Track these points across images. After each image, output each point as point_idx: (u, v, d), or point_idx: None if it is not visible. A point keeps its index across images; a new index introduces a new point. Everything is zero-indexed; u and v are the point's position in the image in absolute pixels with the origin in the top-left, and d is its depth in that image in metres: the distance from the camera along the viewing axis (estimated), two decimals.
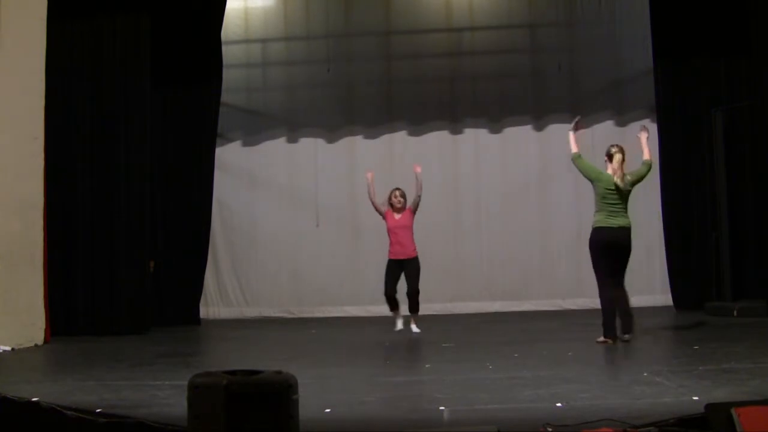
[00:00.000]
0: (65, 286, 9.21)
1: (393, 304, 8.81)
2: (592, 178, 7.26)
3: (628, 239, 7.17)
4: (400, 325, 8.77)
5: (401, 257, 8.66)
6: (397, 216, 8.76)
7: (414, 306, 8.72)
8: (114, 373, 6.02)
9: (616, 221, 7.14)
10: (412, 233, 8.74)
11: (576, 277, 10.41)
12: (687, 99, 10.42)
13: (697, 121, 10.33)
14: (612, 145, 7.39)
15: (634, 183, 7.23)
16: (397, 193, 8.81)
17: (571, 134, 7.41)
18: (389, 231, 8.76)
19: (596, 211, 7.22)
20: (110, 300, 9.30)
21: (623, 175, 7.17)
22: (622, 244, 7.15)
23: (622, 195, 7.15)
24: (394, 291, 8.73)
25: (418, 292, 8.65)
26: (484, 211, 11.47)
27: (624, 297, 7.20)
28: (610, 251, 7.13)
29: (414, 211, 8.77)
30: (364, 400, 4.73)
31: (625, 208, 7.20)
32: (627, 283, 10.92)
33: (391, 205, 8.81)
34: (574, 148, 7.35)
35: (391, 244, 8.75)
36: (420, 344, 8.17)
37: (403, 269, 8.69)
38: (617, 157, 7.21)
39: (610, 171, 7.22)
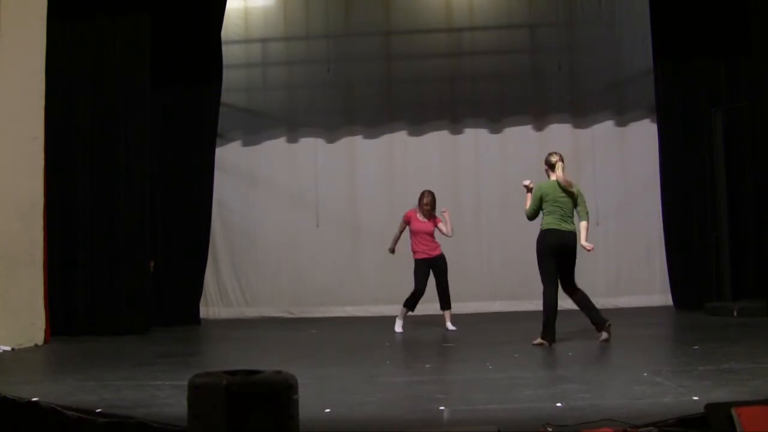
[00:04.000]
0: (65, 286, 9.21)
1: (413, 304, 8.83)
2: (540, 200, 7.26)
3: (575, 243, 7.21)
4: (399, 327, 8.78)
5: (429, 256, 8.80)
6: (422, 219, 8.87)
7: (445, 303, 8.85)
8: (114, 373, 6.02)
9: (567, 226, 7.19)
10: (434, 235, 8.92)
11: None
12: (687, 99, 10.42)
13: (697, 121, 10.34)
14: (551, 153, 7.39)
15: (574, 198, 7.24)
16: (427, 198, 8.87)
17: (528, 194, 7.41)
18: (413, 233, 8.86)
19: (545, 215, 7.25)
20: (110, 300, 9.29)
21: (567, 180, 7.22)
22: (570, 248, 7.19)
23: (568, 200, 7.19)
24: (424, 289, 8.79)
25: (447, 287, 8.81)
26: (484, 211, 11.47)
27: (584, 296, 7.23)
28: (557, 254, 7.18)
29: (437, 223, 8.93)
30: (364, 400, 4.73)
31: (573, 215, 7.24)
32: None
33: (420, 207, 8.87)
34: (526, 206, 7.38)
35: (414, 244, 8.85)
36: (420, 344, 8.17)
37: (431, 266, 8.83)
38: (559, 165, 7.26)
39: (553, 177, 7.26)
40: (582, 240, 7.23)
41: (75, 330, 9.01)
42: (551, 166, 7.31)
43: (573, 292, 7.28)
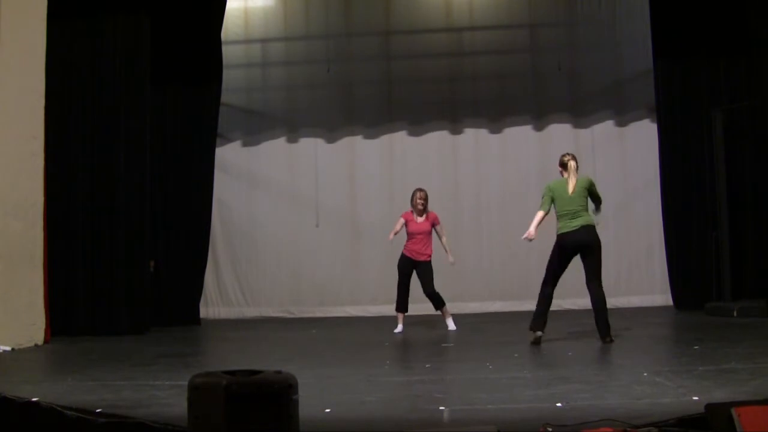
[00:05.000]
0: (65, 286, 9.20)
1: (402, 304, 8.78)
2: (551, 199, 7.29)
3: (591, 236, 7.16)
4: (400, 327, 8.77)
5: (414, 256, 8.72)
6: (418, 220, 8.79)
7: (437, 303, 8.80)
8: (114, 373, 6.02)
9: (575, 222, 7.16)
10: (431, 237, 8.81)
11: (576, 277, 10.41)
12: (687, 99, 10.42)
13: (697, 121, 10.34)
14: (564, 154, 7.42)
15: (584, 192, 7.23)
16: (419, 194, 8.79)
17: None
18: (409, 234, 8.81)
19: (558, 218, 7.28)
20: (110, 300, 9.29)
21: (575, 182, 7.22)
22: (586, 243, 7.14)
23: (577, 197, 7.20)
24: (407, 287, 8.73)
25: (433, 290, 8.73)
26: (484, 211, 11.47)
27: (601, 301, 7.16)
28: (571, 254, 7.16)
29: (435, 225, 8.81)
30: (364, 400, 4.73)
31: (583, 207, 7.21)
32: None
33: (413, 206, 8.81)
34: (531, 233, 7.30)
35: (408, 242, 8.79)
36: (420, 344, 8.17)
37: (415, 268, 8.75)
38: (571, 164, 7.28)
39: (565, 176, 7.30)
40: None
41: (75, 330, 9.01)
42: (563, 166, 7.34)
43: (591, 288, 7.20)
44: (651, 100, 10.87)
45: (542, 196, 7.35)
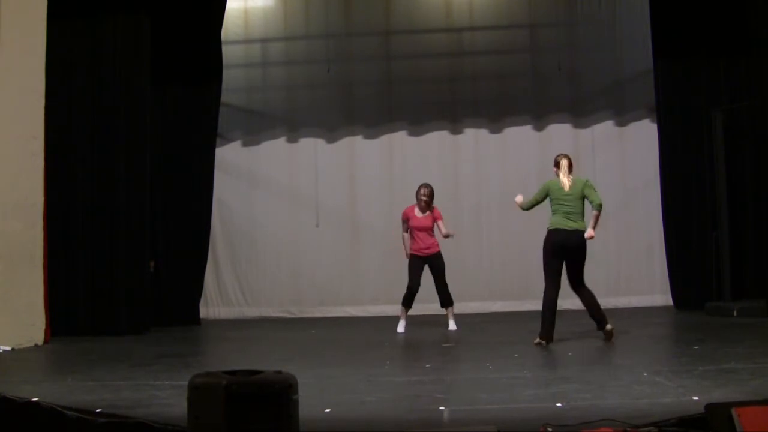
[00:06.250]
0: (65, 286, 9.20)
1: (409, 300, 8.77)
2: (544, 197, 7.37)
3: (583, 243, 7.20)
4: (402, 327, 8.76)
5: (424, 253, 8.73)
6: (419, 215, 8.80)
7: (446, 300, 8.81)
8: (114, 373, 6.02)
9: (572, 224, 7.19)
10: (433, 232, 8.83)
11: None
12: (687, 99, 10.41)
13: (697, 121, 10.33)
14: (558, 154, 7.49)
15: (581, 194, 7.25)
16: (424, 190, 8.80)
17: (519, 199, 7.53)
18: (411, 230, 8.83)
19: (552, 214, 7.32)
20: (110, 300, 9.28)
21: (570, 180, 7.27)
22: (576, 246, 7.18)
23: (573, 198, 7.22)
24: (418, 284, 8.73)
25: (446, 285, 8.74)
26: (484, 211, 11.47)
27: (592, 296, 7.24)
28: (563, 253, 7.19)
29: (436, 220, 8.82)
30: (364, 400, 4.73)
31: (580, 212, 7.24)
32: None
33: (417, 201, 8.82)
34: (519, 200, 7.51)
35: (413, 240, 8.82)
36: (420, 344, 8.17)
37: (426, 263, 8.76)
38: (563, 162, 7.33)
39: (561, 175, 7.34)
40: (589, 228, 7.19)
41: (75, 330, 9.00)
42: (556, 165, 7.39)
43: (580, 291, 7.28)
44: (651, 100, 10.87)
45: (536, 193, 7.43)
